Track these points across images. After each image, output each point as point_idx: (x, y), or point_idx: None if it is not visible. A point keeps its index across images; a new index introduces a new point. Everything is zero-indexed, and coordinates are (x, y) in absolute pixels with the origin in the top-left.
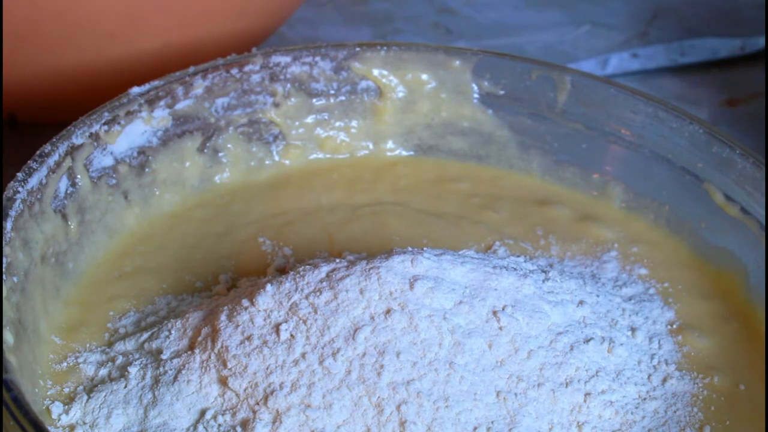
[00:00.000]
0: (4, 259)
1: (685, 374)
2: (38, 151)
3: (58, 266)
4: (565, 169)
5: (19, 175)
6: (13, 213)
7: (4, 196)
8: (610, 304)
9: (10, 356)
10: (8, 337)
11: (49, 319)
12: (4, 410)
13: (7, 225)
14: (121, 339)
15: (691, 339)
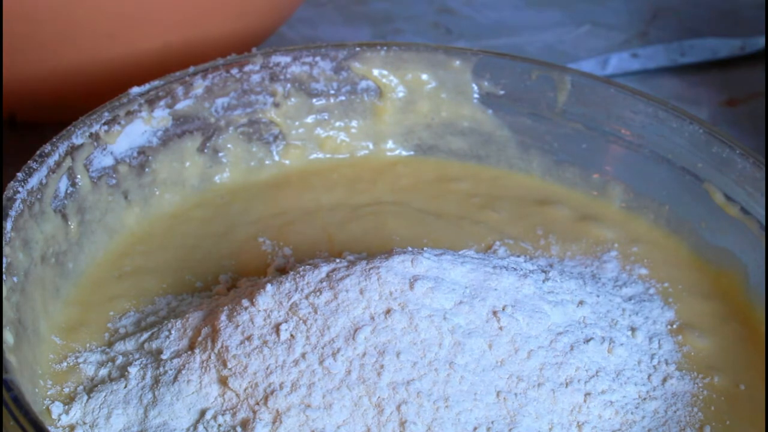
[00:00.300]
0: (4, 259)
1: (685, 374)
2: (38, 151)
3: (58, 266)
4: (565, 169)
5: (19, 175)
6: (13, 213)
7: (4, 196)
8: (610, 304)
9: (10, 356)
10: (8, 337)
11: (49, 319)
12: (4, 410)
13: (7, 225)
14: (121, 339)
15: (691, 339)
